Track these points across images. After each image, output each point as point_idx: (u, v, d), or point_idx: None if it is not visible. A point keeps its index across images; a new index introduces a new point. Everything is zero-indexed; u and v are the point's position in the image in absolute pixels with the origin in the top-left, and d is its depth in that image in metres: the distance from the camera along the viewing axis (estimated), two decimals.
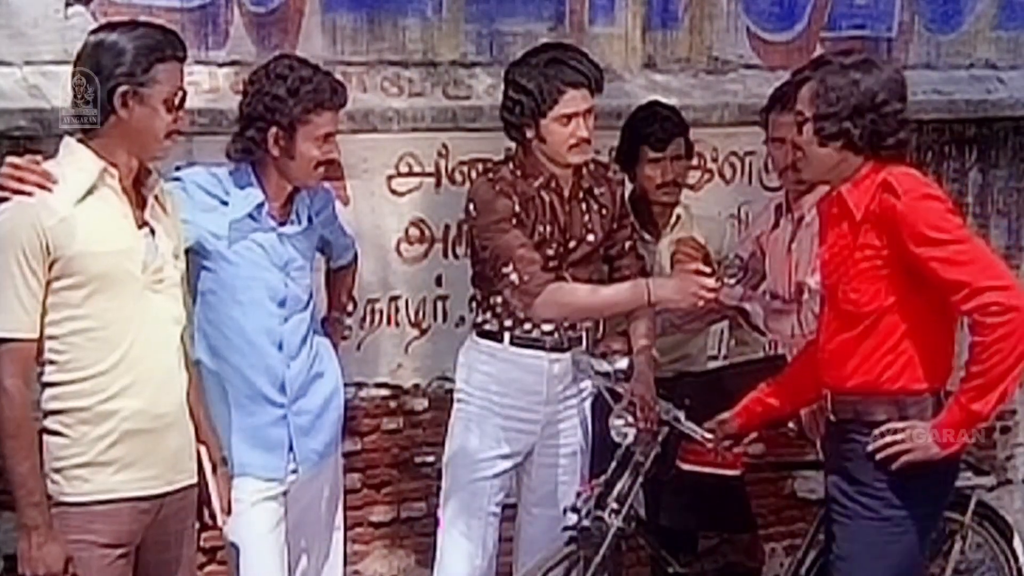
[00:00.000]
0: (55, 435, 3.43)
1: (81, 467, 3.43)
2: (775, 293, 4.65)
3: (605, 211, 4.38)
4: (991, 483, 5.45)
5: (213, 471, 3.73)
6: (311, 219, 4.08)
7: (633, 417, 4.24)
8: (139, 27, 3.52)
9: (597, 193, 4.37)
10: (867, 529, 3.81)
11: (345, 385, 4.31)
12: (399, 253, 5.23)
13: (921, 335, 3.76)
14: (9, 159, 3.41)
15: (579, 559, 4.27)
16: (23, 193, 3.35)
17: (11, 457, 3.36)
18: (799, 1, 5.98)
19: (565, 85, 4.17)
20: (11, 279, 3.32)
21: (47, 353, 3.41)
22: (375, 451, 5.30)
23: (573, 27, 5.49)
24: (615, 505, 4.25)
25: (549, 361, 4.34)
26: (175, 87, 3.47)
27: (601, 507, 4.24)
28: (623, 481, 4.28)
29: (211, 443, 3.75)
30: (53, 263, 3.34)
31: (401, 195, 5.20)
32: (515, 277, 4.17)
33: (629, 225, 4.52)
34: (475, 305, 4.48)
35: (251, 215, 3.93)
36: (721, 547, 4.96)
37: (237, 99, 4.10)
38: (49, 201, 3.35)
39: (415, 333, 5.29)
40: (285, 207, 4.01)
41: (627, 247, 4.47)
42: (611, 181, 4.44)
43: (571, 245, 4.31)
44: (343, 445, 4.39)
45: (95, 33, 3.51)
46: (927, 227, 3.65)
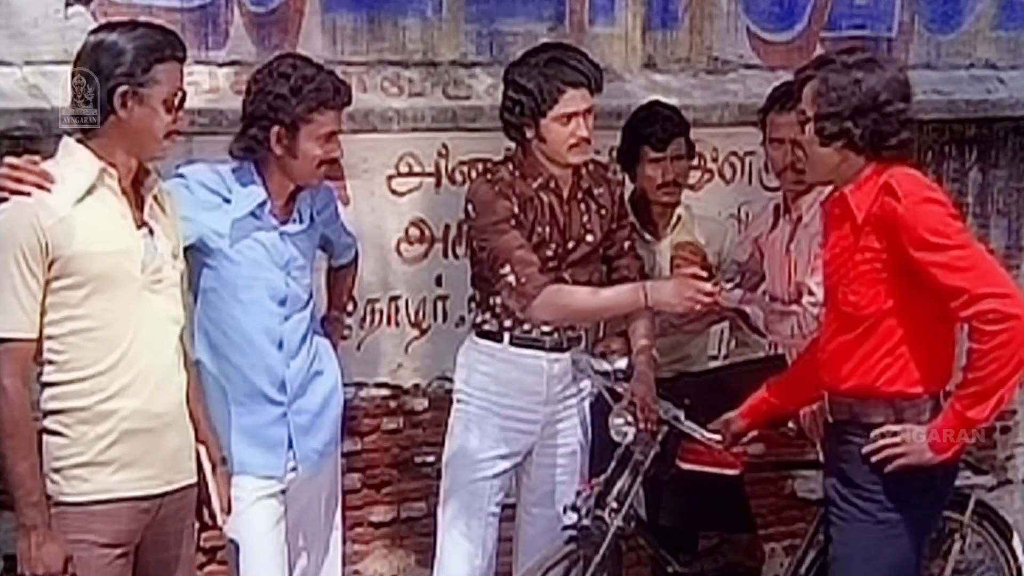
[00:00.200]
0: (54, 435, 3.43)
1: (80, 467, 3.43)
2: (774, 295, 4.65)
3: (604, 211, 4.38)
4: (990, 483, 5.46)
5: (212, 471, 3.73)
6: (313, 218, 4.08)
7: (633, 417, 4.24)
8: (139, 27, 3.52)
9: (596, 193, 4.37)
10: (862, 532, 3.81)
11: (345, 385, 4.31)
12: (399, 253, 5.23)
13: (920, 339, 3.74)
14: (7, 159, 3.41)
15: (579, 558, 4.27)
16: (21, 193, 3.35)
17: (10, 457, 3.36)
18: (799, 1, 5.97)
19: (565, 84, 4.17)
20: (10, 279, 3.32)
21: (46, 353, 3.41)
22: (375, 451, 5.30)
23: (573, 27, 5.48)
24: (615, 504, 4.25)
25: (548, 361, 4.34)
26: (174, 87, 3.47)
27: (601, 506, 4.24)
28: (623, 480, 4.29)
29: (210, 443, 3.75)
30: (52, 263, 3.35)
31: (401, 195, 5.20)
32: (512, 278, 4.17)
33: (628, 225, 4.52)
34: (474, 305, 4.48)
35: (253, 213, 3.93)
36: (721, 547, 4.96)
37: (237, 99, 4.10)
38: (48, 201, 3.35)
39: (415, 333, 5.28)
40: (287, 206, 4.01)
41: (626, 247, 4.46)
42: (610, 181, 4.44)
43: (570, 246, 4.31)
44: (343, 445, 4.39)
45: (95, 33, 3.52)
46: (927, 231, 3.62)
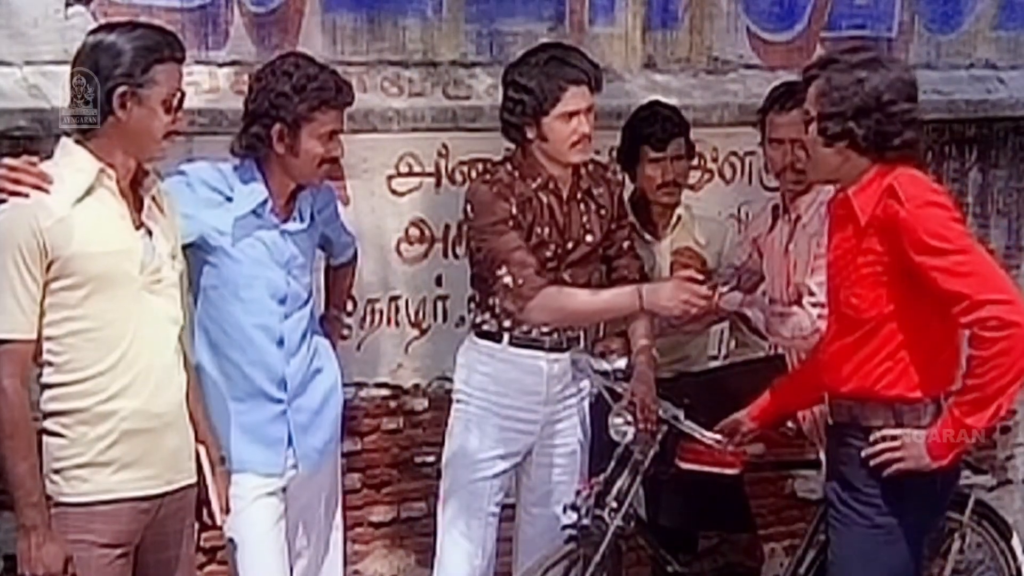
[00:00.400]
0: (54, 436, 3.43)
1: (80, 467, 3.43)
2: (773, 295, 4.64)
3: (603, 212, 4.37)
4: (990, 483, 5.45)
5: (212, 471, 3.73)
6: (313, 217, 4.08)
7: (632, 416, 4.24)
8: (137, 28, 3.52)
9: (595, 194, 4.36)
10: (860, 536, 3.80)
11: (345, 385, 4.31)
12: (399, 253, 5.23)
13: (921, 343, 3.71)
14: (5, 160, 3.41)
15: (579, 558, 4.27)
16: (19, 194, 3.35)
17: (10, 458, 3.36)
18: (799, 1, 5.97)
19: (566, 83, 4.16)
20: (8, 280, 3.32)
21: (45, 354, 3.41)
22: (375, 451, 5.30)
23: (573, 27, 5.48)
24: (614, 504, 4.25)
25: (548, 361, 4.34)
26: (173, 88, 3.47)
27: (600, 506, 4.24)
28: (622, 480, 4.29)
29: (210, 443, 3.75)
30: (51, 264, 3.34)
31: (401, 195, 5.20)
32: (509, 280, 4.16)
33: (628, 225, 4.52)
34: (474, 305, 4.47)
35: (255, 212, 3.93)
36: (721, 547, 4.96)
37: (237, 99, 4.10)
38: (46, 202, 3.35)
39: (415, 333, 5.28)
40: (288, 204, 4.01)
41: (625, 247, 4.46)
42: (609, 181, 4.43)
43: (569, 246, 4.30)
44: (343, 445, 4.39)
45: (94, 34, 3.51)
46: (928, 235, 3.59)
